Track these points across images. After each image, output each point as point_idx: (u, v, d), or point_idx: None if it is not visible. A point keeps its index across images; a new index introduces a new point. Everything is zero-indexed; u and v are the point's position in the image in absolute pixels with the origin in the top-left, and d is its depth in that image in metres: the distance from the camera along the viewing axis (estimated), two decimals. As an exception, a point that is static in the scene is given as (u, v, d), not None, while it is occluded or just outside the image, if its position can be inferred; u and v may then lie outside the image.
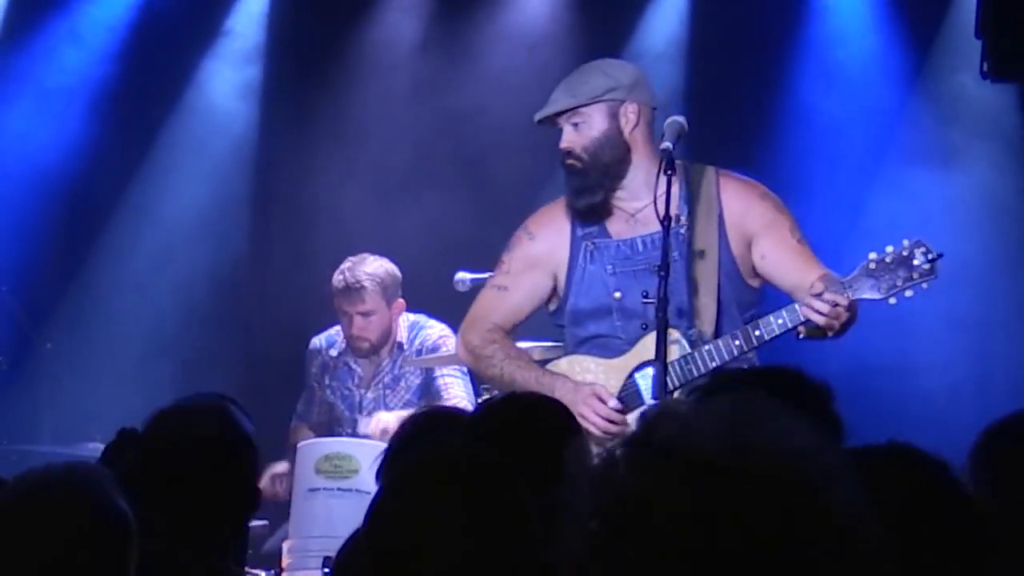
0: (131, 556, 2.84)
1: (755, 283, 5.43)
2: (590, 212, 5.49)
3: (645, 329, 5.28)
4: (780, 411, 1.65)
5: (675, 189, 5.41)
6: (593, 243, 5.56)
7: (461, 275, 6.80)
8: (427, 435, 3.96)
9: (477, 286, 6.77)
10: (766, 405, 1.65)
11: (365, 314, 7.21)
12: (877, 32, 8.12)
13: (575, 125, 5.52)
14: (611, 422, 5.32)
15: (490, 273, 6.68)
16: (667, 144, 5.30)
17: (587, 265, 5.56)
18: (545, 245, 5.67)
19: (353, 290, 7.17)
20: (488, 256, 7.35)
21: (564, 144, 5.52)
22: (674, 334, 5.29)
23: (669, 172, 5.27)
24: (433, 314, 7.45)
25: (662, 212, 5.22)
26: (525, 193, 8.35)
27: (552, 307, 5.68)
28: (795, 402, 3.11)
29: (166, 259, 8.65)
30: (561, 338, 5.72)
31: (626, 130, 5.51)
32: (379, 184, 8.67)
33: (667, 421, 1.64)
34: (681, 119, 5.39)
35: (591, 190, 5.47)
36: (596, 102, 5.53)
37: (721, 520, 1.56)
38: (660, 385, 5.15)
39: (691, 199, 5.48)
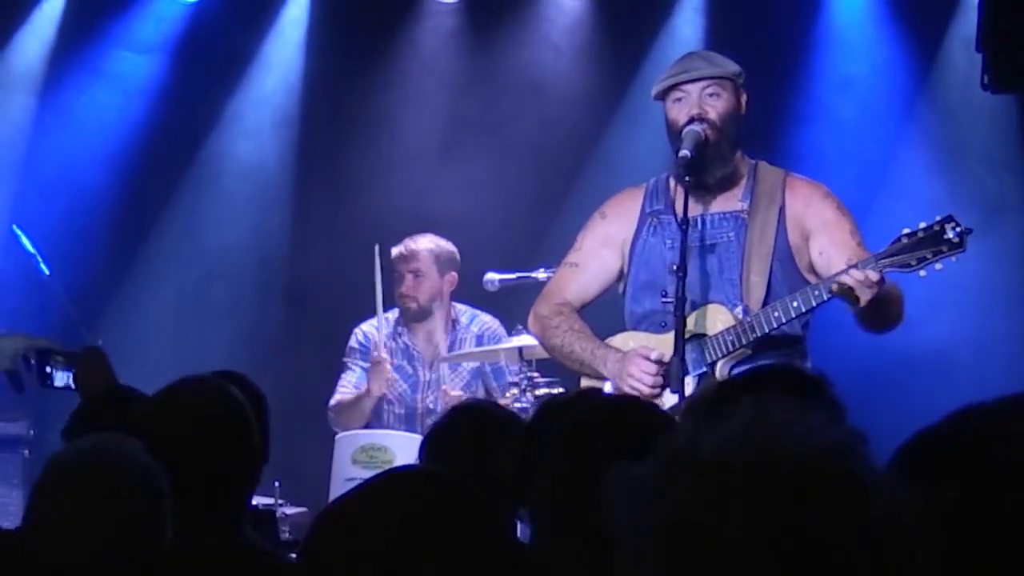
0: (166, 514, 2.95)
1: (812, 278, 5.43)
2: (700, 185, 5.45)
3: (692, 301, 5.33)
4: (801, 411, 1.66)
5: (742, 182, 5.56)
6: (658, 219, 5.63)
7: (490, 275, 6.92)
8: (464, 426, 4.04)
9: (506, 286, 6.90)
10: (787, 407, 1.66)
11: (415, 273, 7.39)
12: (884, 45, 8.15)
13: (711, 95, 5.51)
14: (658, 376, 5.36)
15: (519, 274, 6.81)
16: (685, 152, 5.39)
17: (649, 238, 5.64)
18: (616, 224, 5.74)
19: (408, 251, 7.41)
20: (518, 256, 7.49)
21: (696, 111, 5.47)
22: (722, 309, 5.42)
23: (688, 178, 5.37)
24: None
25: (680, 216, 5.34)
26: (553, 193, 8.47)
27: (621, 287, 5.75)
28: (796, 395, 3.24)
29: (212, 257, 8.72)
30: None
31: (741, 113, 5.59)
32: (413, 175, 8.75)
33: (708, 438, 1.64)
34: (699, 128, 5.45)
35: (715, 162, 5.47)
36: (732, 78, 5.58)
37: (778, 525, 1.57)
38: (679, 379, 5.25)
39: (755, 191, 5.55)
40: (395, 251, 7.45)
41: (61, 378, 4.51)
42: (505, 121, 8.64)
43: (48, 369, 4.51)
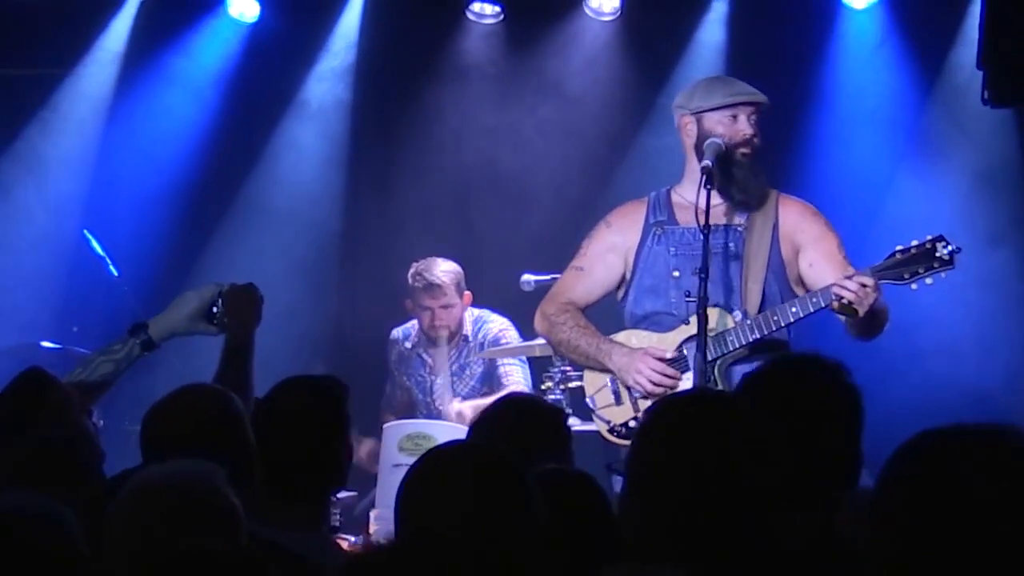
0: (239, 535, 2.97)
1: (799, 290, 5.62)
2: (724, 197, 5.63)
3: (693, 304, 5.44)
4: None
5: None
6: (662, 228, 5.79)
7: (527, 277, 7.02)
8: (505, 416, 4.15)
9: (541, 287, 6.99)
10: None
11: (446, 307, 7.53)
12: (892, 61, 8.20)
13: (755, 121, 5.70)
14: (665, 376, 5.53)
15: (553, 275, 6.90)
16: (706, 162, 5.54)
17: (653, 246, 5.79)
18: (620, 234, 5.90)
19: (435, 287, 7.51)
20: (552, 258, 7.57)
21: (749, 131, 5.66)
22: (724, 313, 5.57)
23: (708, 187, 5.49)
24: (496, 309, 7.72)
25: (703, 222, 5.44)
26: (581, 203, 8.54)
27: (620, 293, 5.89)
28: (817, 382, 3.36)
29: (270, 255, 8.80)
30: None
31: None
32: (453, 188, 8.86)
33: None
34: (719, 141, 5.62)
35: (751, 181, 5.65)
36: (765, 105, 5.76)
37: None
38: (701, 372, 5.38)
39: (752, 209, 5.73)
40: (418, 281, 7.55)
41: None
42: (538, 132, 8.73)
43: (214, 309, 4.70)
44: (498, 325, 7.59)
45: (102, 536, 2.96)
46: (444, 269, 7.55)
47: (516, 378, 7.41)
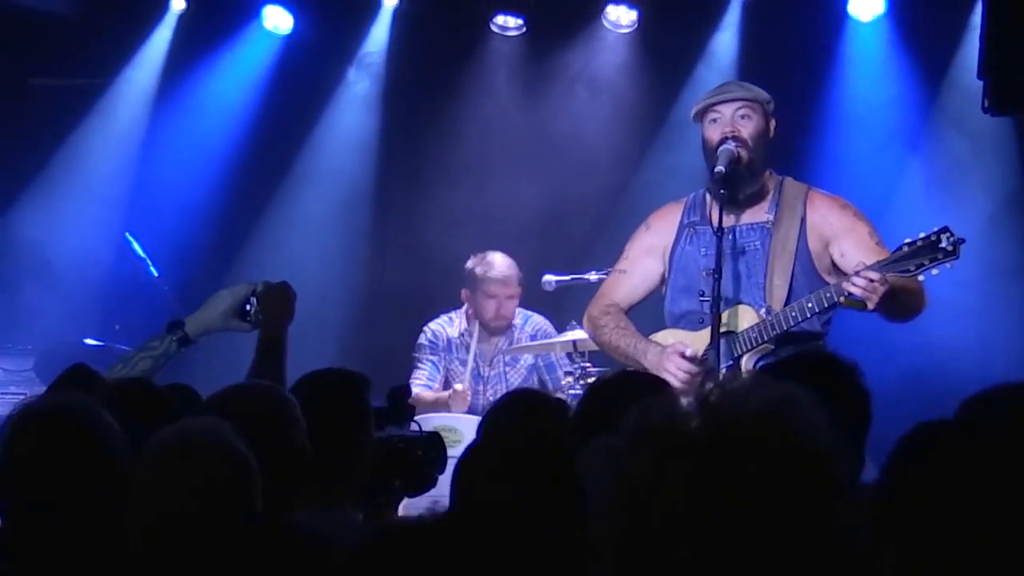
0: (256, 489, 3.02)
1: (832, 279, 5.60)
2: (732, 200, 5.65)
3: (717, 302, 5.49)
4: (751, 380, 1.63)
5: (769, 196, 5.77)
6: (694, 229, 5.87)
7: (547, 277, 7.09)
8: (513, 410, 4.21)
9: (562, 287, 7.05)
10: (742, 382, 1.63)
11: (511, 297, 7.59)
12: (896, 69, 8.23)
13: (743, 116, 5.71)
14: (691, 371, 5.56)
15: (573, 276, 6.97)
16: (720, 168, 5.62)
17: (686, 246, 5.88)
18: (658, 235, 5.98)
19: (510, 279, 7.57)
20: (573, 259, 7.63)
21: (729, 129, 5.67)
22: (749, 310, 5.64)
23: (723, 191, 5.59)
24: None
25: (715, 225, 5.55)
26: (601, 206, 8.61)
27: (664, 290, 5.98)
28: (829, 381, 3.37)
29: (305, 258, 8.88)
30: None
31: (769, 135, 5.78)
32: (476, 187, 8.91)
33: (658, 407, 1.63)
34: (732, 147, 5.67)
35: (746, 179, 5.66)
36: (761, 103, 5.78)
37: (711, 487, 1.54)
38: (713, 369, 5.47)
39: (780, 203, 5.76)
40: (490, 273, 7.57)
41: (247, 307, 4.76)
42: (560, 140, 8.82)
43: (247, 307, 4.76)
44: (544, 321, 7.67)
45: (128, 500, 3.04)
46: (507, 262, 7.61)
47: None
